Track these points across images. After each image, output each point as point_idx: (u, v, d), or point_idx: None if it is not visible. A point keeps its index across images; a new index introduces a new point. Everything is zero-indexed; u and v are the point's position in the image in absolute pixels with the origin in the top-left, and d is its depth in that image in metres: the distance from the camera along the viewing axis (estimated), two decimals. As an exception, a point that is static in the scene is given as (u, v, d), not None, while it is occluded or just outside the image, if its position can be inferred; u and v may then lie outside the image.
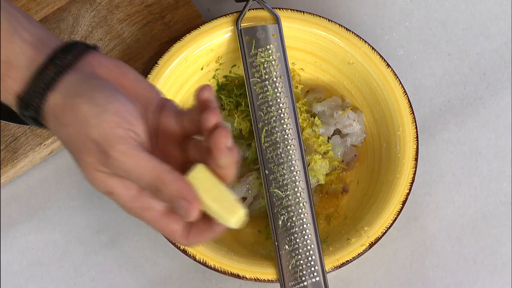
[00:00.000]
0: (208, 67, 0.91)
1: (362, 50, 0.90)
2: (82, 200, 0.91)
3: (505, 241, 0.91)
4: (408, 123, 0.88)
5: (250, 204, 0.89)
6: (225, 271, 0.83)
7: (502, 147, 0.94)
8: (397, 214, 0.85)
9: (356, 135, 0.91)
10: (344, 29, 0.90)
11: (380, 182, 0.88)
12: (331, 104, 0.92)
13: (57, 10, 0.93)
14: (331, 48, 0.91)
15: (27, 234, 0.90)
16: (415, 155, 0.87)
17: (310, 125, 0.90)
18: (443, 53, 0.98)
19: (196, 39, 0.89)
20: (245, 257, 0.85)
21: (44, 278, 0.89)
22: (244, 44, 0.88)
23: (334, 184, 0.91)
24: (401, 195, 0.86)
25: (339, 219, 0.90)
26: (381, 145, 0.90)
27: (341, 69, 0.92)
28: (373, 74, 0.90)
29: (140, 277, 0.90)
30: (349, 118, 0.91)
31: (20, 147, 0.89)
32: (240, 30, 0.89)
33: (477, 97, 0.96)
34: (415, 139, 0.88)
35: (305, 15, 0.90)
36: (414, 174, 0.87)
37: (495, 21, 0.98)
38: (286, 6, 0.90)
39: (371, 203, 0.87)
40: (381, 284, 0.90)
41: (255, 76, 0.88)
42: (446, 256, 0.91)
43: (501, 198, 0.93)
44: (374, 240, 0.85)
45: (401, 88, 0.89)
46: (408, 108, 0.89)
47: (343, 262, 0.84)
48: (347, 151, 0.92)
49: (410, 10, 0.99)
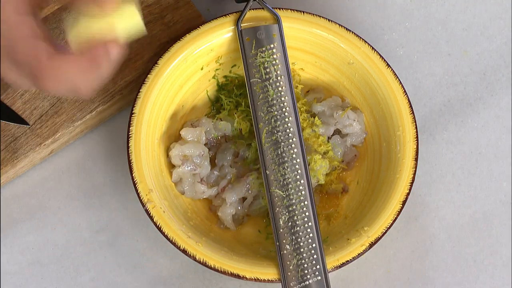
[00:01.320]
0: (208, 67, 0.91)
1: (362, 50, 0.90)
2: (82, 200, 0.91)
3: (505, 241, 0.91)
4: (408, 123, 0.88)
5: (250, 204, 0.89)
6: (225, 271, 0.83)
7: (502, 147, 0.94)
8: (397, 214, 0.85)
9: (356, 135, 0.91)
10: (344, 29, 0.90)
11: (380, 182, 0.88)
12: (331, 104, 0.92)
13: (57, 10, 0.93)
14: (331, 48, 0.91)
15: (27, 234, 0.90)
16: (415, 155, 0.87)
17: (310, 125, 0.90)
18: (443, 53, 0.98)
19: (196, 39, 0.89)
20: (245, 257, 0.85)
21: (44, 278, 0.89)
22: (244, 45, 0.88)
23: (334, 184, 0.91)
24: (401, 195, 0.86)
25: (339, 219, 0.90)
26: (381, 145, 0.90)
27: (341, 69, 0.92)
28: (373, 74, 0.90)
29: (140, 277, 0.90)
30: (349, 118, 0.91)
31: (20, 147, 0.89)
32: (240, 30, 0.89)
33: (477, 97, 0.96)
34: (415, 139, 0.88)
35: (305, 15, 0.90)
36: (414, 174, 0.87)
37: (495, 21, 0.99)
38: (286, 6, 0.90)
39: (371, 203, 0.87)
40: (381, 284, 0.90)
41: (256, 77, 0.88)
42: (446, 256, 0.91)
43: (501, 198, 0.93)
44: (374, 240, 0.85)
45: (401, 88, 0.89)
46: (408, 108, 0.89)
47: (343, 262, 0.84)
48: (347, 151, 0.92)
49: (410, 10, 0.99)
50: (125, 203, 0.91)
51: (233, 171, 0.90)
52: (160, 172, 0.87)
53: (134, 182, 0.85)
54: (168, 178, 0.88)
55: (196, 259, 0.83)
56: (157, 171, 0.87)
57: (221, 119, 0.91)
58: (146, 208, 0.84)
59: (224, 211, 0.88)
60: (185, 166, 0.88)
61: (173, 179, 0.88)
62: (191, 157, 0.88)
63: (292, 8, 0.90)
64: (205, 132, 0.90)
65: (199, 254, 0.84)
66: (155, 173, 0.86)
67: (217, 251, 0.84)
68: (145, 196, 0.85)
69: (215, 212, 0.90)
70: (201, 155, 0.88)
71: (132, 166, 0.85)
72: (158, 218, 0.84)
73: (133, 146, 0.86)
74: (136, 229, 0.90)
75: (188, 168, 0.88)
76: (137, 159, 0.85)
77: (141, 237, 0.90)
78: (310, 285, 0.84)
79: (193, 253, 0.84)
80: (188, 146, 0.88)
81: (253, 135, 0.90)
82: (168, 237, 0.84)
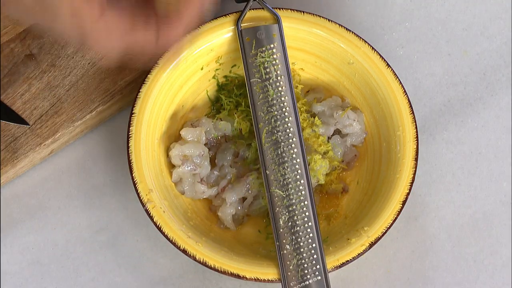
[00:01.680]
0: (208, 67, 0.91)
1: (362, 50, 0.90)
2: (82, 200, 0.91)
3: (505, 241, 0.91)
4: (408, 123, 0.88)
5: (250, 204, 0.89)
6: (225, 271, 0.83)
7: (502, 147, 0.94)
8: (397, 214, 0.85)
9: (356, 135, 0.91)
10: (344, 29, 0.90)
11: (380, 182, 0.88)
12: (331, 104, 0.92)
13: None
14: (331, 48, 0.91)
15: (27, 234, 0.90)
16: (415, 155, 0.87)
17: (310, 125, 0.90)
18: (443, 53, 0.98)
19: (196, 39, 0.89)
20: (245, 257, 0.85)
21: (44, 278, 0.89)
22: (245, 45, 0.88)
23: (334, 184, 0.91)
24: (401, 195, 0.86)
25: (339, 219, 0.90)
26: (381, 145, 0.90)
27: (341, 69, 0.92)
28: (373, 74, 0.90)
29: (140, 277, 0.90)
30: (349, 118, 0.91)
31: (20, 147, 0.89)
32: (240, 30, 0.89)
33: (477, 97, 0.96)
34: (415, 139, 0.88)
35: (305, 15, 0.90)
36: (414, 174, 0.87)
37: (495, 21, 0.99)
38: (286, 6, 0.90)
39: (371, 203, 0.87)
40: (381, 284, 0.90)
41: (256, 77, 0.88)
42: (446, 256, 0.91)
43: (501, 198, 0.93)
44: (374, 240, 0.85)
45: (401, 88, 0.89)
46: (408, 108, 0.89)
47: (343, 262, 0.84)
48: (347, 151, 0.92)
49: (410, 10, 0.99)
50: (125, 203, 0.91)
51: (233, 171, 0.90)
52: (160, 172, 0.87)
53: (134, 182, 0.85)
54: (168, 178, 0.88)
55: (196, 259, 0.83)
56: (157, 171, 0.87)
57: (221, 119, 0.91)
58: (146, 208, 0.84)
59: (224, 211, 0.88)
60: (185, 166, 0.88)
61: (173, 179, 0.88)
62: (191, 157, 0.88)
63: (292, 8, 0.90)
64: (205, 132, 0.90)
65: (199, 254, 0.84)
66: (155, 173, 0.86)
67: (217, 251, 0.84)
68: (145, 196, 0.85)
69: (215, 212, 0.90)
70: (201, 155, 0.88)
71: (132, 166, 0.85)
72: (158, 218, 0.84)
73: (133, 146, 0.86)
74: (136, 229, 0.90)
75: (188, 168, 0.88)
76: (137, 159, 0.85)
77: (141, 237, 0.90)
78: (310, 285, 0.84)
79: (193, 253, 0.84)
80: (188, 146, 0.88)
81: (253, 135, 0.90)
82: (168, 237, 0.84)
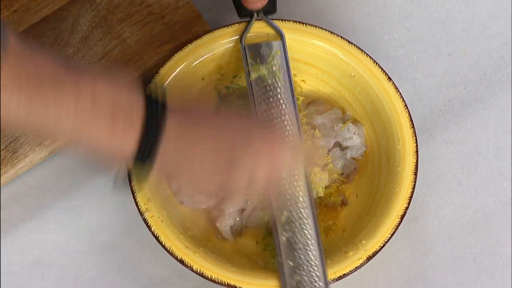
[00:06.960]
0: (209, 77, 0.90)
1: (364, 63, 0.89)
2: (82, 200, 0.91)
3: (505, 241, 0.91)
4: (408, 137, 0.88)
5: (249, 215, 0.89)
6: (222, 281, 0.83)
7: (502, 147, 0.94)
8: (395, 228, 0.85)
9: (356, 148, 0.91)
10: (346, 41, 0.89)
11: (379, 195, 0.88)
12: (331, 116, 0.91)
13: (57, 10, 0.93)
14: (333, 61, 0.90)
15: (27, 234, 0.90)
16: (415, 169, 0.87)
17: (310, 137, 0.90)
18: (443, 53, 0.98)
19: (197, 49, 0.88)
20: (242, 268, 0.84)
21: (44, 278, 0.89)
22: (248, 60, 0.88)
23: (333, 196, 0.90)
24: (400, 209, 0.85)
25: (337, 231, 0.90)
26: (381, 158, 0.90)
27: (342, 81, 0.91)
28: (374, 87, 0.89)
29: (140, 277, 0.90)
30: (349, 131, 0.90)
31: (20, 147, 0.89)
32: (244, 46, 0.88)
33: (477, 97, 0.96)
34: (415, 153, 0.87)
35: (307, 27, 0.89)
36: (414, 188, 0.86)
37: (495, 21, 0.99)
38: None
39: (370, 216, 0.87)
40: (381, 284, 0.90)
41: (259, 91, 0.87)
42: (446, 256, 0.91)
43: (501, 198, 0.93)
44: (372, 253, 0.84)
45: (402, 101, 0.88)
46: (409, 122, 0.88)
47: (340, 276, 0.83)
48: (347, 164, 0.91)
49: (410, 10, 0.99)
50: (125, 203, 0.91)
51: (233, 182, 0.89)
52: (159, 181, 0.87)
53: (133, 191, 0.84)
54: (167, 188, 0.88)
55: (193, 270, 0.83)
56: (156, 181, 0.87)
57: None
58: (144, 217, 0.84)
59: (223, 222, 0.88)
60: (184, 176, 0.87)
61: (172, 188, 0.88)
62: (191, 167, 0.87)
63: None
64: (205, 143, 0.89)
65: (196, 264, 0.83)
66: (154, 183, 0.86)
67: (214, 262, 0.84)
68: (143, 206, 0.84)
69: (213, 222, 0.89)
70: (201, 165, 0.88)
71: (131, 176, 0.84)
72: (156, 227, 0.84)
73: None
74: (136, 229, 0.90)
75: (187, 177, 0.87)
76: (135, 167, 0.85)
77: (141, 237, 0.90)
78: None
79: (190, 263, 0.83)
80: (188, 156, 0.87)
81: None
82: (166, 246, 0.83)
